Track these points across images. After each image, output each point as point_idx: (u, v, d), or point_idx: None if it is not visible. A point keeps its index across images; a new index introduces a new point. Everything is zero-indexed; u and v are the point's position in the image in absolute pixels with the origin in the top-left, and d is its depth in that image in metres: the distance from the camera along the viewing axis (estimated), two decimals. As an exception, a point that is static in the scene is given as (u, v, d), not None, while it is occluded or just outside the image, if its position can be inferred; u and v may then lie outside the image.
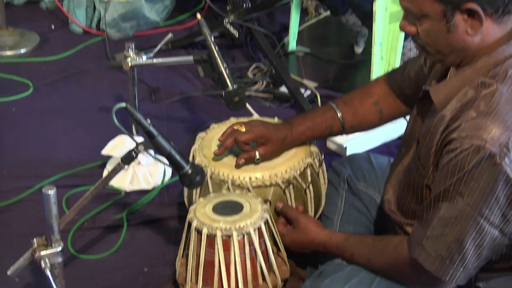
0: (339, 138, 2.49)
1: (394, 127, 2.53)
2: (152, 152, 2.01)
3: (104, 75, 3.03)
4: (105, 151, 2.36)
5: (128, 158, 1.73)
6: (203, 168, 1.80)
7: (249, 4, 2.94)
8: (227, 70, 2.19)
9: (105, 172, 2.39)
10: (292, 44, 3.27)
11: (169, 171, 2.39)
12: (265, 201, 1.84)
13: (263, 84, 2.94)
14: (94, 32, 3.37)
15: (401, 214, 1.68)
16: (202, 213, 1.75)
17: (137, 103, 2.45)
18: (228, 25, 2.96)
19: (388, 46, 2.68)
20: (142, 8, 3.33)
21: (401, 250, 1.56)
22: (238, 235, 1.71)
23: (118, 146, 2.34)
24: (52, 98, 2.88)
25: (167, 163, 1.73)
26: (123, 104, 1.65)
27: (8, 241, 2.15)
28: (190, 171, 1.72)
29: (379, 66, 2.67)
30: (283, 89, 2.86)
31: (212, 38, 2.22)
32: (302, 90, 2.82)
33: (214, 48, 2.20)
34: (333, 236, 1.74)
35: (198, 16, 2.27)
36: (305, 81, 2.98)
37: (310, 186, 1.90)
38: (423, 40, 1.50)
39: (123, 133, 1.70)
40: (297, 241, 1.80)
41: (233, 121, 2.07)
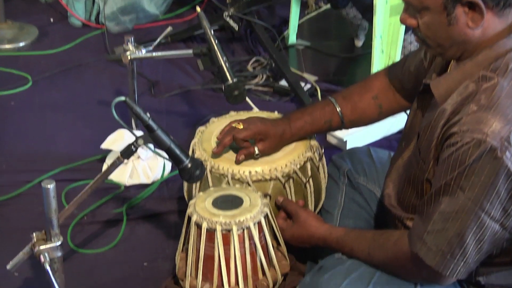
0: (339, 132, 2.49)
1: (395, 121, 2.53)
2: (151, 146, 2.00)
3: (103, 69, 3.03)
4: (104, 145, 2.35)
5: (128, 152, 1.72)
6: (203, 162, 1.79)
7: (249, -3, 2.94)
8: (226, 64, 2.19)
9: (105, 166, 2.39)
10: (292, 38, 3.26)
11: (169, 165, 2.38)
12: (265, 195, 1.84)
13: (263, 77, 2.93)
14: (93, 25, 3.36)
15: (401, 208, 1.68)
16: (201, 207, 1.75)
17: (136, 96, 2.45)
18: (227, 18, 2.95)
19: (388, 39, 2.67)
20: (141, 1, 3.33)
21: (401, 244, 1.56)
22: (238, 230, 1.70)
23: (118, 140, 2.34)
24: (51, 91, 2.88)
25: (167, 157, 1.72)
26: (123, 98, 1.64)
27: (7, 235, 2.14)
28: (189, 165, 1.72)
29: (379, 60, 2.66)
30: (283, 82, 2.86)
31: (212, 32, 2.21)
32: (302, 84, 2.81)
33: (213, 42, 2.19)
34: (333, 231, 1.74)
35: (198, 9, 2.26)
36: (305, 75, 2.97)
37: (310, 180, 1.89)
38: (423, 33, 1.49)
39: (123, 127, 1.70)
40: (297, 235, 1.80)
41: (232, 114, 2.06)
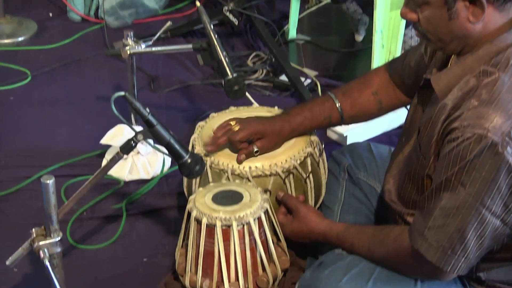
0: (339, 127, 2.48)
1: (395, 116, 2.52)
2: (151, 141, 2.00)
3: (103, 64, 3.02)
4: (104, 141, 2.35)
5: (127, 148, 1.72)
6: (203, 157, 1.79)
7: (249, -8, 2.93)
8: (226, 59, 2.18)
9: (104, 162, 2.38)
10: (292, 32, 3.25)
11: (168, 160, 2.38)
12: (265, 191, 1.83)
13: (263, 72, 2.92)
14: (93, 20, 3.35)
15: (401, 204, 1.67)
16: (201, 203, 1.74)
17: (136, 92, 2.44)
18: (227, 13, 2.94)
19: (389, 34, 2.67)
20: (140, -5, 3.32)
21: (402, 240, 1.55)
22: (238, 225, 1.70)
23: (117, 135, 2.33)
24: (51, 86, 2.87)
25: (166, 152, 1.72)
26: (122, 93, 1.64)
27: (6, 231, 2.14)
28: (189, 160, 1.71)
29: (380, 54, 2.65)
30: (283, 77, 2.85)
31: (212, 26, 2.20)
32: (302, 79, 2.81)
33: (213, 36, 2.19)
34: (333, 226, 1.73)
35: (197, 3, 2.25)
36: (305, 70, 2.97)
37: (310, 175, 1.89)
38: (424, 28, 1.49)
39: (122, 122, 1.69)
40: (297, 231, 1.79)
41: (232, 110, 2.06)
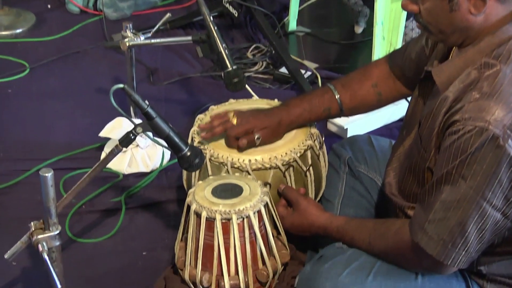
0: (340, 119, 2.47)
1: (396, 109, 2.51)
2: (150, 134, 1.99)
3: (102, 56, 3.01)
4: (103, 133, 2.34)
5: (126, 141, 1.71)
6: (202, 150, 1.78)
7: (249, -17, 2.92)
8: (226, 51, 2.17)
9: (103, 155, 2.38)
10: (292, 24, 3.23)
11: (168, 153, 2.37)
12: (265, 184, 1.82)
13: (262, 65, 2.92)
14: (91, 12, 3.34)
15: (402, 197, 1.67)
16: (201, 196, 1.74)
17: (135, 84, 2.43)
18: (227, 5, 2.93)
19: (390, 25, 2.65)
20: (139, -13, 3.31)
21: (402, 233, 1.55)
22: (237, 219, 1.69)
23: (116, 128, 2.33)
24: (49, 79, 2.86)
25: (166, 145, 1.71)
26: (121, 85, 1.64)
27: (5, 224, 2.13)
28: (189, 153, 1.70)
29: (380, 46, 2.64)
30: (283, 70, 2.84)
31: (211, 18, 2.19)
32: (303, 71, 2.80)
33: (213, 28, 2.17)
34: (334, 220, 1.73)
35: (197, -5, 2.25)
36: (306, 62, 2.96)
37: (311, 168, 1.88)
38: (425, 19, 1.48)
39: (121, 115, 1.68)
40: (297, 224, 1.79)
41: (232, 102, 2.05)
